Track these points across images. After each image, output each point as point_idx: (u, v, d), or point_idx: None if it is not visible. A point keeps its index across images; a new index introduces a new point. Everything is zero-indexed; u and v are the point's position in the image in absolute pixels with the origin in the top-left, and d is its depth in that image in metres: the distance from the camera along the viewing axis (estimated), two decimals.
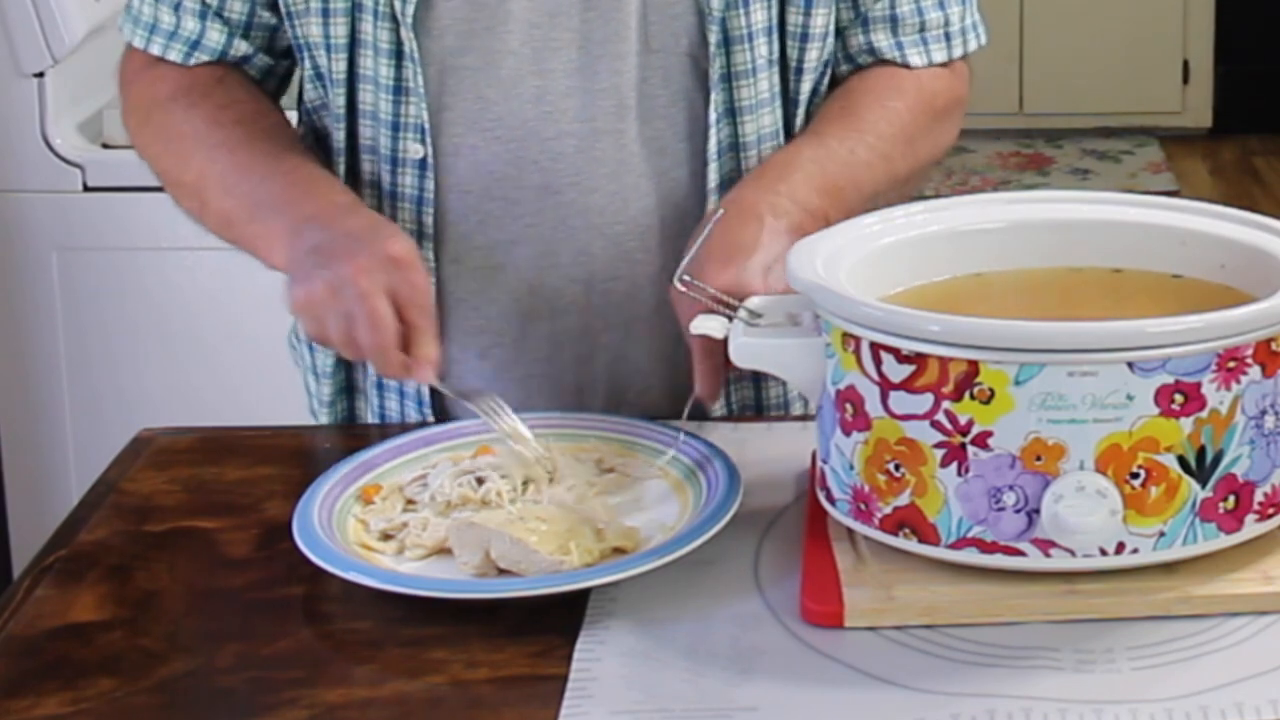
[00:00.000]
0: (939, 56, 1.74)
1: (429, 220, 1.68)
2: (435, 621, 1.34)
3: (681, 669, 1.29)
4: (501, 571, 1.39)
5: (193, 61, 1.72)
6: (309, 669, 1.31)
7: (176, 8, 1.72)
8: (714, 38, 1.65)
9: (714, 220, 1.53)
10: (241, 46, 1.73)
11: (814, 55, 1.70)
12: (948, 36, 1.74)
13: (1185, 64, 6.07)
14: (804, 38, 1.69)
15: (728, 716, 1.23)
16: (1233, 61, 6.04)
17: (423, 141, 1.66)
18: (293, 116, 1.80)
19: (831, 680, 1.27)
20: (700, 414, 1.61)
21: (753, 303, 1.45)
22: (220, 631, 1.36)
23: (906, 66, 1.73)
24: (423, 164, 1.67)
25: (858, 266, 1.43)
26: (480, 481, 1.49)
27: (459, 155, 1.67)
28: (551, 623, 1.34)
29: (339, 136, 1.70)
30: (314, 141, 1.75)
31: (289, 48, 1.74)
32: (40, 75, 2.90)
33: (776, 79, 1.69)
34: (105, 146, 2.95)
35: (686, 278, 1.44)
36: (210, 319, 2.91)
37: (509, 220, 1.68)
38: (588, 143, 1.66)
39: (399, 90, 1.66)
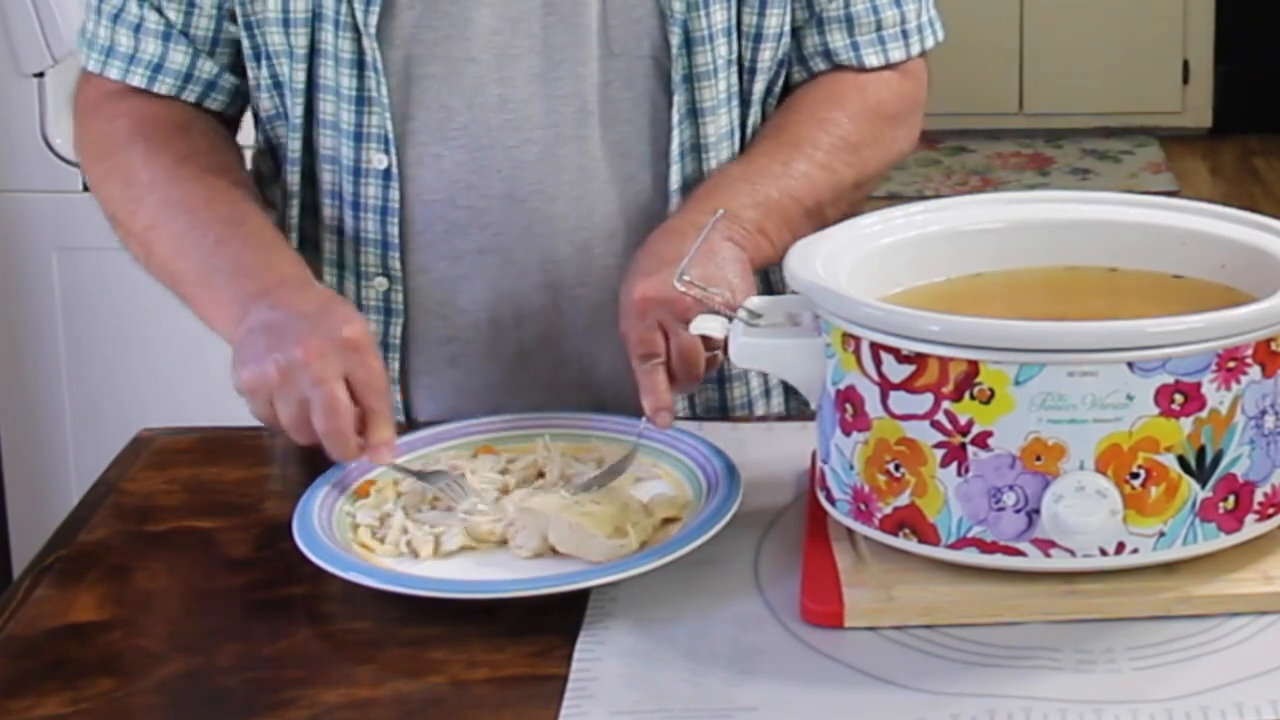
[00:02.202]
0: (897, 55, 1.73)
1: (394, 230, 1.67)
2: (435, 621, 1.34)
3: (681, 669, 1.29)
4: (558, 556, 1.40)
5: (157, 87, 1.69)
6: (309, 669, 1.31)
7: (137, 29, 1.69)
8: (676, 39, 1.65)
9: (713, 221, 1.53)
10: (207, 67, 1.70)
11: (767, 55, 1.69)
12: (905, 34, 1.74)
13: (1185, 64, 6.07)
14: (758, 38, 1.68)
15: (728, 716, 1.23)
16: (1233, 61, 6.04)
17: (386, 151, 1.65)
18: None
19: (831, 680, 1.27)
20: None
21: (753, 303, 1.45)
22: (220, 631, 1.36)
23: (862, 68, 1.72)
24: (386, 174, 1.66)
25: (858, 266, 1.43)
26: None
27: (423, 165, 1.66)
28: (551, 623, 1.34)
29: (294, 146, 1.68)
30: (268, 153, 1.74)
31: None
32: (40, 75, 2.90)
33: (735, 79, 1.69)
34: None
35: (687, 277, 1.44)
36: None
37: (475, 229, 1.67)
38: (551, 149, 1.66)
39: (361, 100, 1.65)
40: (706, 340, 1.50)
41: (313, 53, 1.65)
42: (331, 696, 1.27)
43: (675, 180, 1.68)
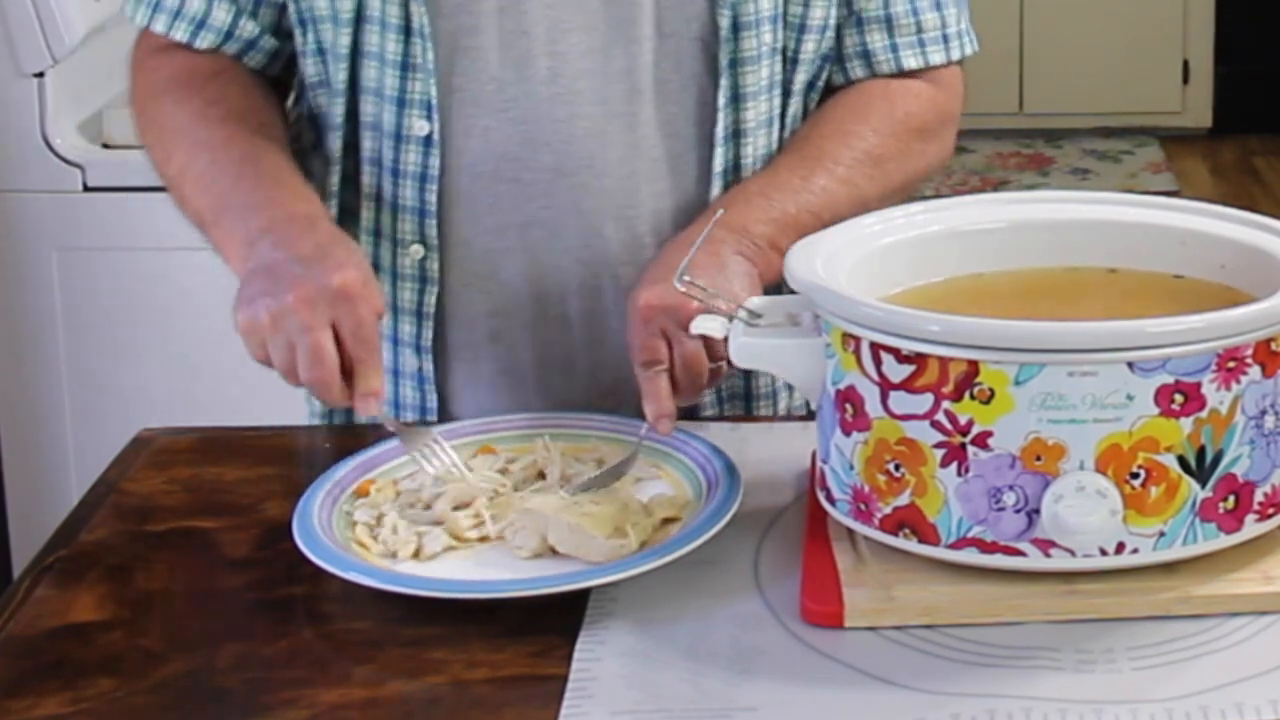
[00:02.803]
0: (936, 58, 1.74)
1: (432, 198, 1.68)
2: (435, 621, 1.34)
3: (681, 669, 1.29)
4: (558, 556, 1.40)
5: (199, 42, 1.72)
6: (309, 669, 1.31)
7: None
8: (725, 22, 1.66)
9: (713, 222, 1.54)
10: (248, 26, 1.72)
11: (810, 47, 1.70)
12: (945, 39, 1.74)
13: (1185, 64, 6.07)
14: (801, 29, 1.69)
15: (728, 716, 1.23)
16: (1233, 61, 6.04)
17: (429, 118, 1.66)
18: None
19: (831, 680, 1.27)
20: (692, 413, 1.61)
21: (753, 303, 1.45)
22: (220, 631, 1.36)
23: (900, 70, 1.73)
24: (428, 141, 1.66)
25: (858, 266, 1.43)
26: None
27: (470, 136, 1.67)
28: (551, 623, 1.34)
29: (337, 112, 1.69)
30: (310, 120, 1.75)
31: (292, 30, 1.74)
32: (40, 75, 2.90)
33: (777, 67, 1.70)
34: (105, 146, 2.95)
35: (687, 278, 1.44)
36: (210, 319, 2.90)
37: (522, 202, 1.68)
38: (600, 125, 1.67)
39: (406, 66, 1.66)
40: (710, 350, 1.50)
41: (358, 18, 1.66)
42: (331, 696, 1.27)
43: (719, 163, 1.69)
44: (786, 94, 1.71)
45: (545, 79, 1.66)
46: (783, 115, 1.72)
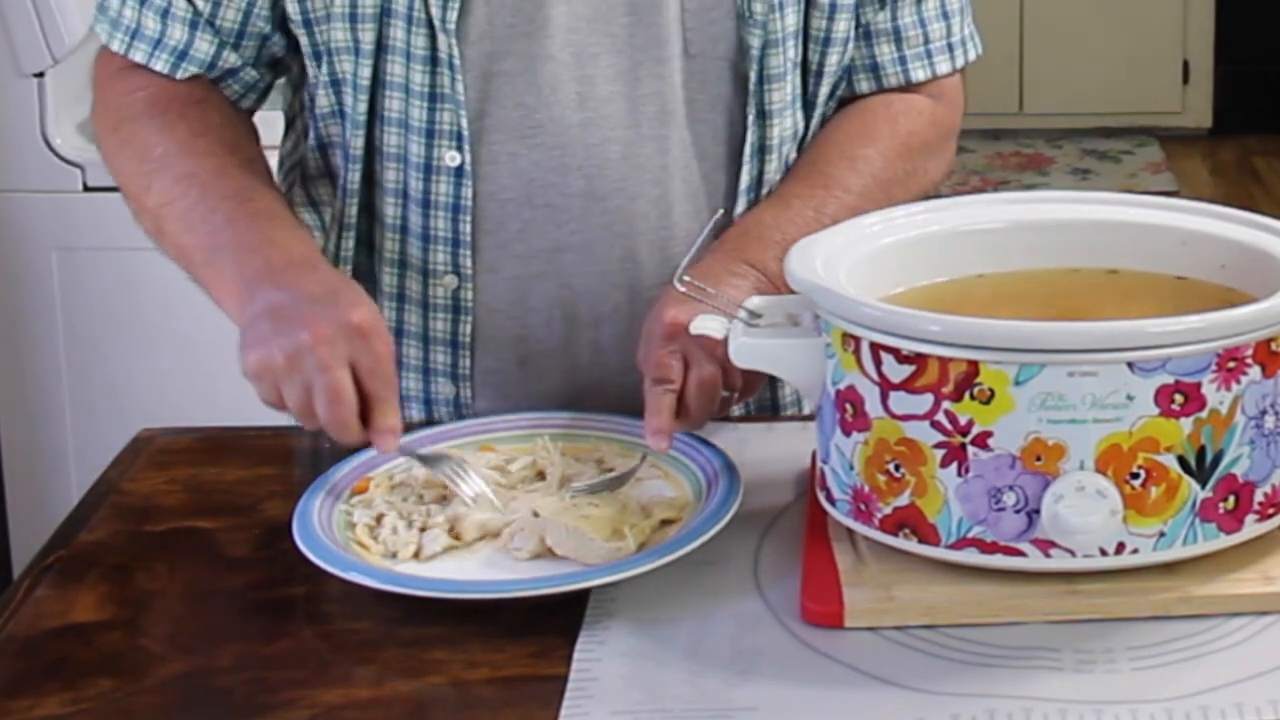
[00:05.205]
0: (943, 68, 1.74)
1: (465, 228, 1.66)
2: (435, 621, 1.34)
3: (681, 669, 1.29)
4: (557, 558, 1.39)
5: (179, 74, 1.68)
6: (309, 669, 1.31)
7: (164, 14, 1.67)
8: (756, 41, 1.65)
9: (714, 221, 1.54)
10: (230, 58, 1.68)
11: (834, 60, 1.70)
12: (950, 48, 1.75)
13: (1185, 64, 6.07)
14: (826, 42, 1.69)
15: (728, 716, 1.23)
16: (1233, 61, 6.04)
17: (459, 149, 1.64)
18: (278, 127, 1.78)
19: (831, 680, 1.27)
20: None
21: (753, 303, 1.45)
22: (220, 631, 1.36)
23: (907, 84, 1.73)
24: (459, 171, 1.64)
25: (858, 266, 1.43)
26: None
27: (498, 163, 1.65)
28: (551, 623, 1.34)
29: (356, 144, 1.66)
30: (319, 150, 1.72)
31: (276, 60, 1.71)
32: (40, 75, 2.91)
33: (799, 81, 1.70)
34: None
35: (687, 278, 1.44)
36: (210, 319, 2.90)
37: (552, 227, 1.66)
38: (632, 148, 1.66)
39: (433, 97, 1.63)
40: (725, 377, 1.50)
41: (379, 49, 1.64)
42: (331, 696, 1.27)
43: (745, 180, 1.69)
44: (810, 106, 1.71)
45: (573, 104, 1.64)
46: (805, 128, 1.72)
